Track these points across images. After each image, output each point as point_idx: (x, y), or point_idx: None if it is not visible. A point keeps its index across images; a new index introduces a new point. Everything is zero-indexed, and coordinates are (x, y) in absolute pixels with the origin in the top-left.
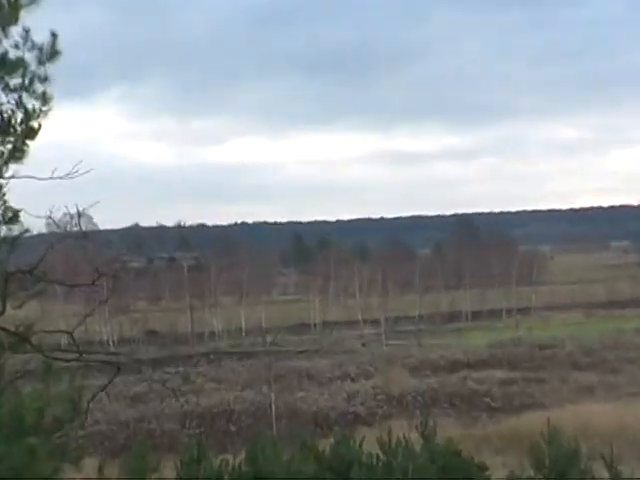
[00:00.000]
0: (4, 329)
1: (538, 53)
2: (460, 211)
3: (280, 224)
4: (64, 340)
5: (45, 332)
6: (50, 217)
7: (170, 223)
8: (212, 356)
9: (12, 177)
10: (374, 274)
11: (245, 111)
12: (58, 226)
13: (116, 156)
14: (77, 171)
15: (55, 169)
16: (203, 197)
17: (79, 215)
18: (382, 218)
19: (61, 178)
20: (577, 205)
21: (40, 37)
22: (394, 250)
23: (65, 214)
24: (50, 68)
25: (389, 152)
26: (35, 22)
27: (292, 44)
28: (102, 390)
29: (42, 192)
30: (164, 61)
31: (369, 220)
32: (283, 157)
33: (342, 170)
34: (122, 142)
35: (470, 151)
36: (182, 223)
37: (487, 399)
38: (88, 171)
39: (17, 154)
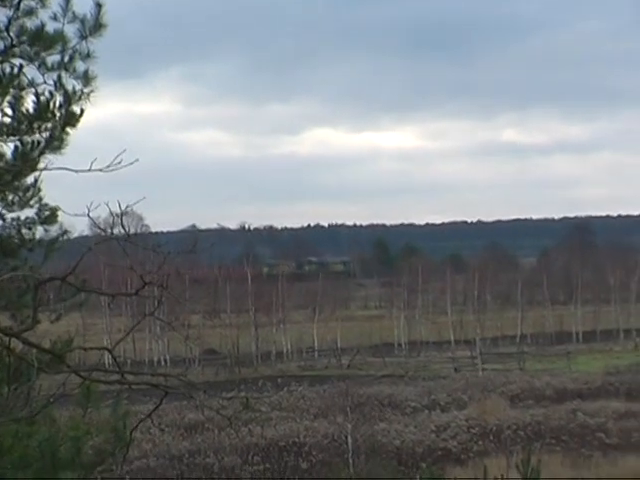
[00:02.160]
0: (36, 346)
1: None
2: (572, 214)
3: (360, 227)
4: (107, 359)
5: (83, 349)
6: (89, 215)
7: (233, 225)
8: (279, 380)
9: (45, 169)
10: (469, 287)
11: (324, 96)
12: (99, 227)
13: (173, 147)
14: (120, 162)
15: (95, 159)
16: (272, 195)
17: (122, 214)
18: (479, 222)
19: (101, 170)
20: None
21: (83, 7)
22: (493, 259)
23: (112, 214)
24: (94, 43)
25: (491, 144)
26: None
27: (380, 18)
28: (147, 416)
29: (82, 187)
30: (232, 37)
31: (464, 224)
32: (366, 150)
33: (434, 166)
34: (180, 131)
35: (588, 144)
36: (247, 225)
37: (601, 435)
38: (133, 162)
39: (55, 143)
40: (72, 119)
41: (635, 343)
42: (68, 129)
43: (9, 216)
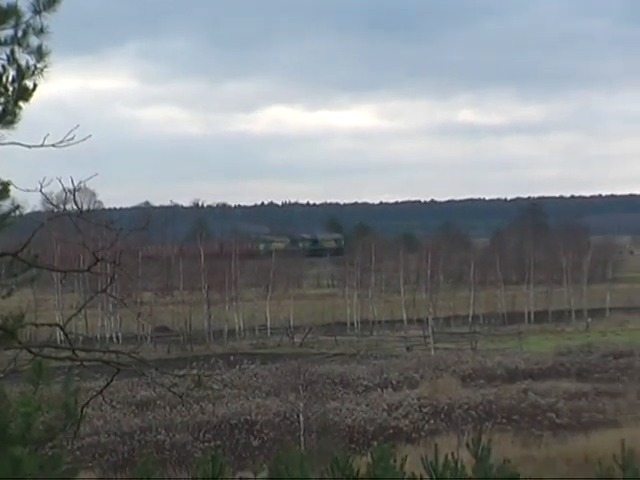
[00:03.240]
0: None
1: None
2: (525, 195)
3: (314, 206)
4: (59, 336)
5: (34, 325)
6: (41, 191)
7: (186, 202)
8: (232, 358)
9: None
10: (422, 266)
11: (280, 74)
12: (52, 203)
13: (129, 123)
14: (73, 138)
15: (48, 135)
16: (226, 173)
17: (75, 190)
18: (433, 201)
19: (54, 146)
20: None
21: None
22: (446, 238)
23: (64, 190)
24: (48, 18)
25: (447, 124)
26: None
27: None
28: (98, 393)
29: (35, 163)
30: (189, 14)
31: (417, 204)
32: (321, 129)
33: (389, 145)
34: (137, 107)
35: (543, 125)
36: (200, 202)
37: (551, 415)
38: (86, 138)
39: (8, 117)
40: (25, 93)
41: (586, 324)
42: (21, 103)
43: None
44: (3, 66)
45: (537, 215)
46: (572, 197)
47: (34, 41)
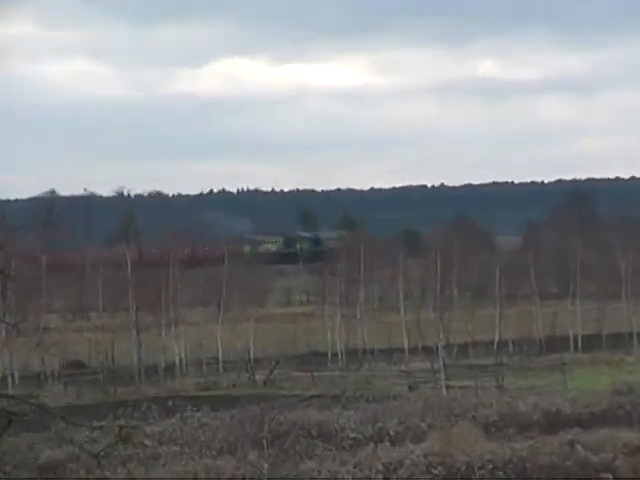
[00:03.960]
0: None
1: None
2: (568, 177)
3: (281, 194)
4: None
5: None
6: None
7: (107, 191)
8: (170, 403)
9: None
10: (428, 275)
11: (238, 16)
12: None
13: (26, 83)
14: None
15: None
16: (161, 151)
17: None
18: (443, 186)
19: None
20: None
21: None
22: (460, 236)
23: None
24: None
25: (461, 82)
26: None
27: None
28: None
29: None
30: None
31: (422, 189)
32: (291, 89)
33: (383, 111)
34: (36, 61)
35: (587, 82)
36: (126, 191)
37: (608, 476)
38: None
39: None
40: None
41: None
42: None
43: None
44: None
45: (585, 204)
46: (632, 179)
47: None
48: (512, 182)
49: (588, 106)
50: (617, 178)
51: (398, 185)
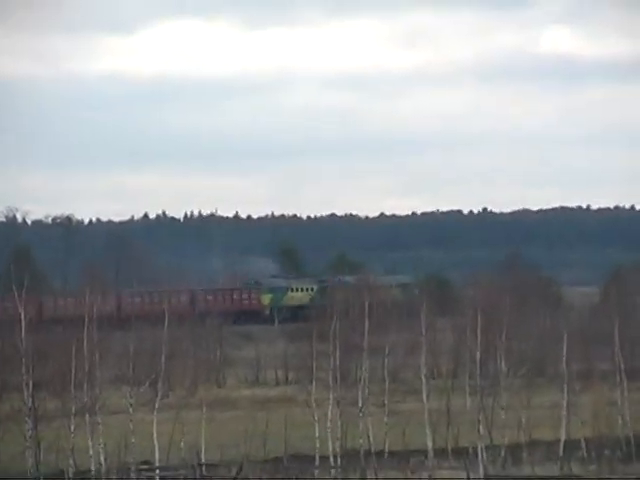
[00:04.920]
0: None
1: None
2: None
3: (249, 221)
4: None
5: None
6: None
7: None
8: None
9: None
10: (463, 340)
11: None
12: None
13: None
14: None
15: None
16: (73, 157)
17: None
18: (486, 212)
19: None
20: None
21: None
22: (511, 285)
23: None
24: None
25: (513, 59)
26: None
27: None
28: None
29: None
30: None
31: (453, 215)
32: (270, 67)
33: (405, 98)
34: None
35: None
36: (20, 216)
37: None
38: None
39: None
40: None
41: None
42: None
43: None
44: None
45: None
46: None
47: None
48: (588, 207)
49: None
50: None
51: (420, 211)
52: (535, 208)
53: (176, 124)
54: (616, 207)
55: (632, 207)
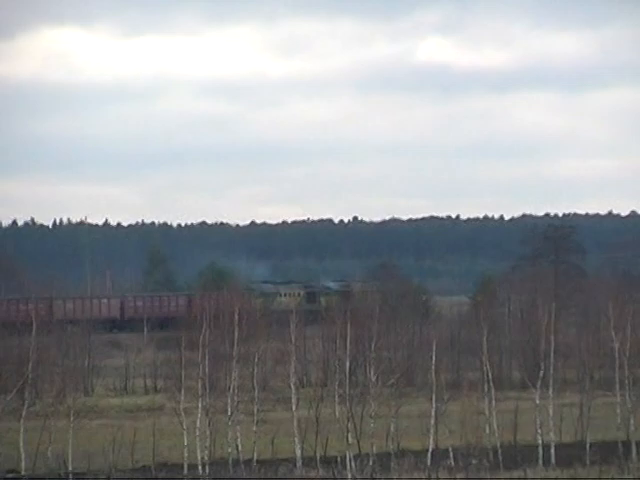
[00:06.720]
0: None
1: None
2: (539, 211)
3: (117, 229)
4: None
5: None
6: None
7: None
8: None
9: None
10: (330, 349)
11: None
12: None
13: None
14: None
15: None
16: None
17: None
18: (356, 220)
19: None
20: None
21: None
22: (381, 293)
23: None
24: None
25: (391, 69)
26: None
27: None
28: None
29: None
30: None
31: (324, 224)
32: (142, 75)
33: (276, 110)
34: None
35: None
36: None
37: None
38: None
39: None
40: None
41: None
42: None
43: None
44: None
45: (562, 249)
46: (631, 215)
47: None
48: (457, 217)
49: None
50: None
51: (291, 219)
52: (405, 217)
53: (47, 130)
54: (485, 217)
55: (501, 217)
